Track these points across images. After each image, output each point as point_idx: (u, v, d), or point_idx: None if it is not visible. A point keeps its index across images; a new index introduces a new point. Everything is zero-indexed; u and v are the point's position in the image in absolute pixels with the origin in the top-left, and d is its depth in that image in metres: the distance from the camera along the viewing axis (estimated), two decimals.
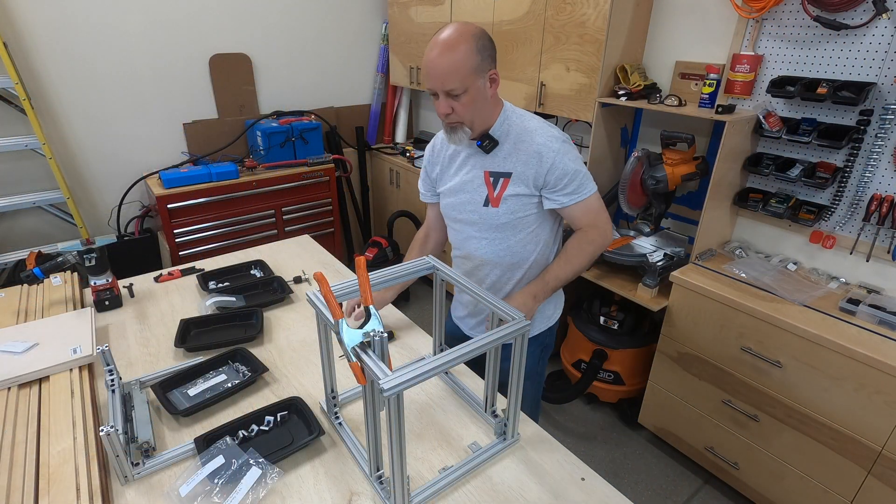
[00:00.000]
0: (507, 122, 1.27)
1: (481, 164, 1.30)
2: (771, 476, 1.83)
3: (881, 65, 1.68)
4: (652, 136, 2.42)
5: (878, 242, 1.79)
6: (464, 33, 1.14)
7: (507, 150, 1.27)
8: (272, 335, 1.48)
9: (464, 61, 1.13)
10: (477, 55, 1.15)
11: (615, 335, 2.30)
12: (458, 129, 1.23)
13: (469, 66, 1.14)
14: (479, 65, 1.16)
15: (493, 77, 1.21)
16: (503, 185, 1.27)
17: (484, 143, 1.26)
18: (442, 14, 2.95)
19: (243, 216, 2.95)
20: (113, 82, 2.76)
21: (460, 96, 1.17)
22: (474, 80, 1.16)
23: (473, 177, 1.32)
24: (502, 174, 1.27)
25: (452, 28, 1.16)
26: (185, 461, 1.04)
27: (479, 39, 1.16)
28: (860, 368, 1.52)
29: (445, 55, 1.14)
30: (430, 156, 1.45)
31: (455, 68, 1.14)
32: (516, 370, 1.02)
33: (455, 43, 1.13)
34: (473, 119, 1.22)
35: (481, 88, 1.19)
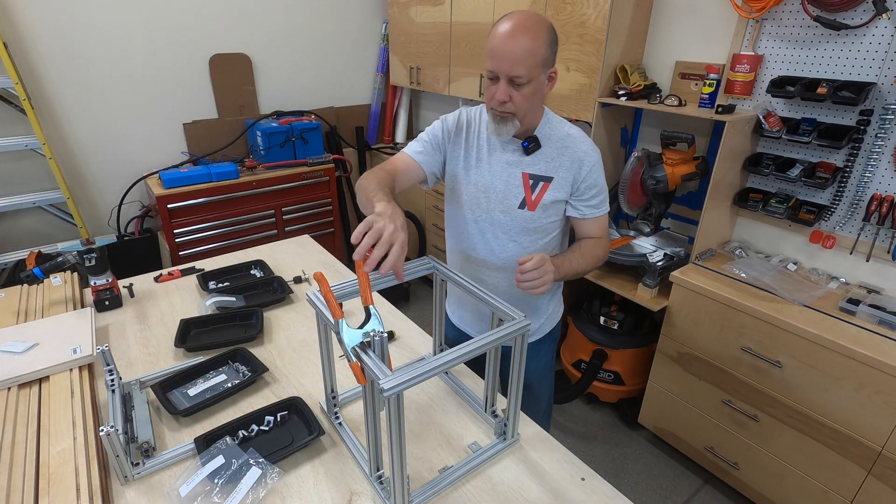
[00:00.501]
0: (549, 126, 1.25)
1: (518, 165, 1.25)
2: (771, 476, 1.83)
3: (881, 65, 1.68)
4: (652, 136, 2.42)
5: (878, 242, 1.79)
6: (540, 22, 1.09)
7: (549, 155, 1.23)
8: (272, 335, 1.48)
9: (537, 49, 1.08)
10: (548, 48, 1.10)
11: (615, 335, 2.30)
12: (509, 120, 1.16)
13: (540, 56, 1.09)
14: (547, 59, 1.11)
15: (552, 75, 1.16)
16: (542, 188, 1.23)
17: (530, 145, 1.22)
18: (442, 14, 2.95)
19: (243, 216, 2.95)
20: (113, 82, 2.76)
21: (523, 86, 1.11)
22: (539, 73, 1.11)
23: (509, 176, 1.25)
24: (543, 178, 1.23)
25: (527, 14, 1.10)
26: (185, 461, 1.04)
27: (551, 32, 1.11)
28: (860, 368, 1.52)
29: (520, 38, 1.07)
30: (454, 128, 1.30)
31: (527, 54, 1.07)
32: (516, 370, 1.02)
33: (532, 28, 1.07)
34: (526, 114, 1.17)
35: (542, 84, 1.14)
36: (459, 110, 1.34)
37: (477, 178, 1.28)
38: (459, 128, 1.31)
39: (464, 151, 1.30)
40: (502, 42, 1.08)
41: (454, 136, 1.31)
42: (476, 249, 1.34)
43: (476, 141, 1.29)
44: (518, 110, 1.14)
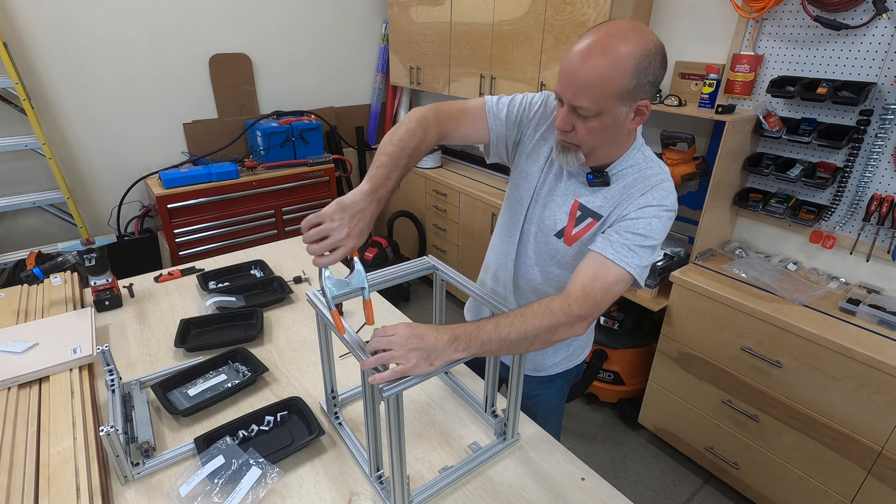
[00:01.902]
0: (631, 163, 1.02)
1: (576, 190, 1.06)
2: (771, 476, 1.83)
3: (881, 65, 1.68)
4: (652, 136, 2.42)
5: (878, 242, 1.79)
6: (630, 42, 0.85)
7: (611, 192, 1.02)
8: (272, 335, 1.48)
9: (613, 78, 0.86)
10: (633, 77, 0.86)
11: (615, 335, 2.30)
12: (571, 151, 0.98)
13: (616, 87, 0.87)
14: (631, 90, 0.88)
15: (641, 109, 0.92)
16: (587, 226, 1.04)
17: (595, 179, 1.02)
18: (442, 14, 2.95)
19: (243, 216, 2.95)
20: (113, 82, 2.76)
21: (590, 118, 0.91)
22: (615, 107, 0.89)
23: (561, 197, 1.07)
24: (593, 214, 1.03)
25: (616, 29, 0.86)
26: (185, 461, 1.04)
27: (646, 57, 0.86)
28: (860, 368, 1.52)
29: (593, 61, 0.86)
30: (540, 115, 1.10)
31: (593, 83, 0.87)
32: (516, 370, 1.02)
33: (613, 50, 0.85)
34: (594, 149, 0.97)
35: (619, 118, 0.91)
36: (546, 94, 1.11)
37: (538, 187, 1.11)
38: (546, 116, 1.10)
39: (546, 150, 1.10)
40: (571, 62, 0.88)
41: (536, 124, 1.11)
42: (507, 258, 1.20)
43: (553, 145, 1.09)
44: (582, 143, 0.96)
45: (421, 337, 0.83)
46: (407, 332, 0.83)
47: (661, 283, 2.09)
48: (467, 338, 0.85)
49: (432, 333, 0.84)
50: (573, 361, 1.32)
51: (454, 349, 0.84)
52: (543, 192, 1.10)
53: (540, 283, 1.16)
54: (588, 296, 0.91)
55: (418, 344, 0.82)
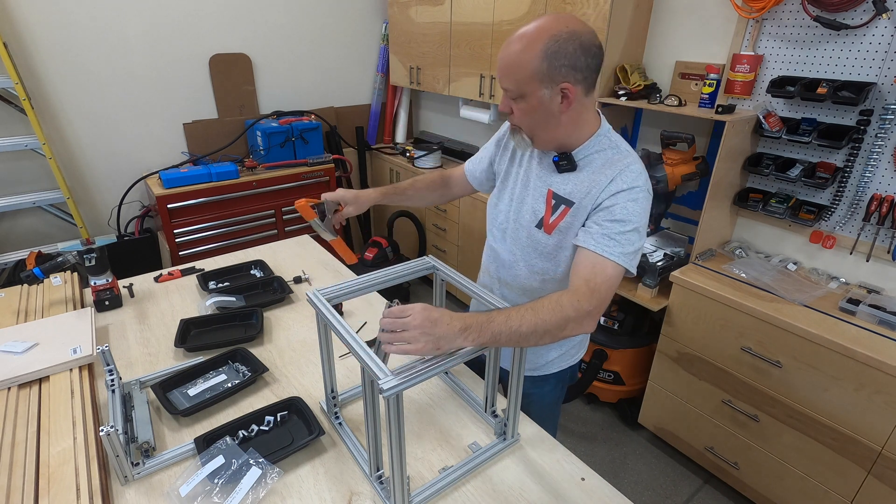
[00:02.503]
0: (595, 148, 1.07)
1: (548, 180, 1.11)
2: (771, 476, 1.83)
3: (881, 65, 1.68)
4: (652, 136, 2.42)
5: (878, 242, 1.79)
6: (539, 30, 0.95)
7: (580, 178, 1.06)
8: (272, 335, 1.48)
9: (520, 62, 0.95)
10: (543, 60, 0.94)
11: (615, 335, 2.30)
12: (517, 133, 1.07)
13: (527, 71, 0.95)
14: (545, 72, 0.95)
15: (565, 92, 0.97)
16: (562, 213, 1.08)
17: (560, 162, 1.07)
18: (442, 14, 2.95)
19: (243, 216, 2.95)
20: (113, 82, 2.76)
21: (517, 100, 1.01)
22: (535, 88, 0.97)
23: (535, 190, 1.13)
24: (566, 201, 1.08)
25: (539, 20, 0.97)
26: (185, 461, 1.04)
27: (555, 41, 0.93)
28: (860, 368, 1.52)
29: (506, 49, 0.98)
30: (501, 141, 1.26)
31: (509, 65, 0.97)
32: (516, 370, 1.02)
33: (527, 36, 0.95)
34: (534, 131, 1.05)
35: (545, 101, 0.99)
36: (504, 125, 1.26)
37: (511, 188, 1.20)
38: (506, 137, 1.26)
39: (511, 153, 1.22)
40: (501, 52, 1.00)
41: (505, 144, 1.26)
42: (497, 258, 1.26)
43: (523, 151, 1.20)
44: (521, 125, 1.05)
45: (435, 323, 0.84)
46: (422, 316, 0.85)
47: (661, 283, 2.09)
48: (478, 328, 0.87)
49: (446, 320, 0.85)
50: (567, 362, 1.32)
51: (464, 338, 0.86)
52: (518, 189, 1.18)
53: (525, 278, 1.20)
54: (594, 291, 0.95)
55: (431, 329, 0.84)
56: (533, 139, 1.07)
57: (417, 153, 3.35)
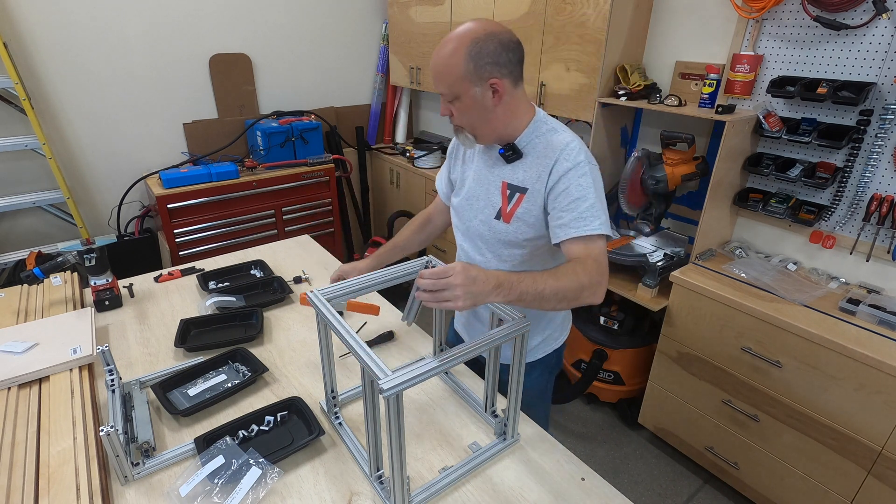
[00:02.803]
0: (535, 134, 1.15)
1: (500, 173, 1.19)
2: (771, 476, 1.84)
3: (881, 65, 1.68)
4: (652, 136, 2.42)
5: (878, 242, 1.79)
6: (460, 36, 1.04)
7: (528, 164, 1.14)
8: (272, 335, 1.48)
9: (450, 67, 1.05)
10: (468, 62, 1.03)
11: (615, 335, 2.30)
12: (461, 132, 1.16)
13: (457, 73, 1.04)
14: (472, 72, 1.04)
15: (494, 86, 1.06)
16: (518, 200, 1.15)
17: (506, 153, 1.15)
18: (442, 14, 2.95)
19: (243, 216, 2.95)
20: (113, 82, 2.76)
21: (454, 102, 1.09)
22: (467, 88, 1.06)
23: (489, 184, 1.21)
24: (519, 188, 1.15)
25: (459, 28, 1.06)
26: (185, 461, 1.04)
27: (475, 43, 1.03)
28: (860, 368, 1.52)
29: (436, 57, 1.07)
30: (453, 152, 1.36)
31: (440, 72, 1.07)
32: (516, 370, 1.02)
33: (445, 46, 1.05)
34: (475, 127, 1.13)
35: (478, 97, 1.07)
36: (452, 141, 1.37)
37: (467, 188, 1.27)
38: (455, 148, 1.36)
39: (462, 163, 1.32)
40: (432, 60, 1.09)
41: (456, 153, 1.35)
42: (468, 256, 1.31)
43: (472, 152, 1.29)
44: (461, 123, 1.13)
45: (474, 281, 0.89)
46: (464, 275, 0.88)
47: (661, 283, 2.09)
48: (509, 286, 0.93)
49: (482, 278, 0.90)
50: (551, 346, 1.36)
51: (496, 294, 0.92)
52: (474, 187, 1.25)
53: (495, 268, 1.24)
54: (598, 264, 1.04)
55: (471, 287, 0.88)
56: (476, 135, 1.15)
57: (417, 153, 3.35)
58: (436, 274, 0.89)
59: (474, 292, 0.88)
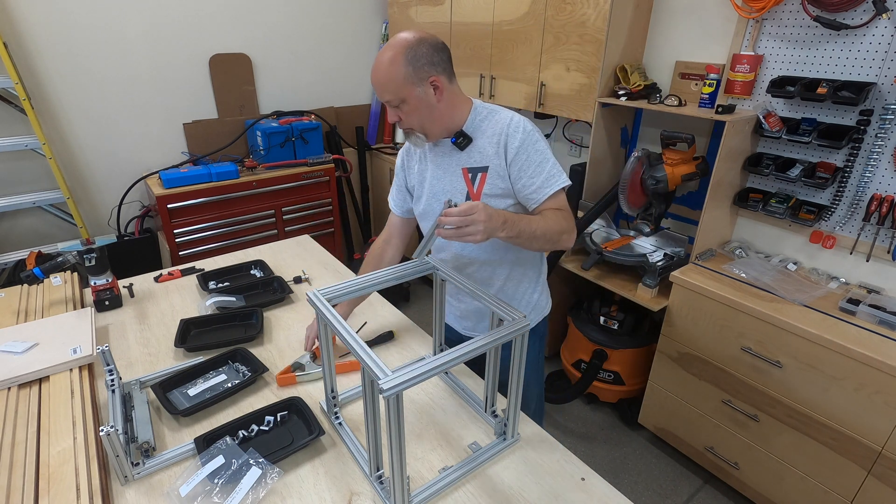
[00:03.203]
0: (478, 118, 1.26)
1: (457, 162, 1.28)
2: (771, 476, 1.83)
3: (881, 65, 1.68)
4: (652, 136, 2.42)
5: (878, 242, 1.79)
6: (395, 45, 1.14)
7: (481, 145, 1.25)
8: (272, 335, 1.48)
9: (392, 74, 1.13)
10: (408, 66, 1.13)
11: (615, 335, 2.30)
12: (411, 134, 1.24)
13: (399, 79, 1.13)
14: (412, 74, 1.14)
15: (434, 84, 1.17)
16: (482, 179, 1.25)
17: (458, 141, 1.25)
18: (442, 14, 2.95)
19: (243, 216, 2.95)
20: (113, 82, 2.76)
21: (400, 106, 1.18)
22: (411, 90, 1.15)
23: (451, 175, 1.30)
24: (479, 169, 1.26)
25: (390, 42, 1.16)
26: (185, 461, 1.04)
27: (410, 49, 1.13)
28: (860, 368, 1.52)
29: (376, 69, 1.15)
30: (404, 163, 1.42)
31: (383, 81, 1.15)
32: (516, 370, 1.02)
33: (383, 56, 1.14)
34: (424, 125, 1.21)
35: (422, 97, 1.17)
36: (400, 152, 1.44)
37: (429, 188, 1.34)
38: (409, 152, 1.41)
39: (417, 167, 1.38)
40: (372, 74, 1.17)
41: (408, 161, 1.41)
42: (445, 251, 1.39)
43: (423, 153, 1.36)
44: (412, 125, 1.21)
45: (490, 218, 1.03)
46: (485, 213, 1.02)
47: (661, 283, 2.09)
48: (512, 223, 1.09)
49: (496, 216, 1.05)
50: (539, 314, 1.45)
51: (502, 229, 1.07)
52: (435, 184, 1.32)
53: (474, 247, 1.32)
54: (568, 213, 1.22)
55: (489, 224, 1.02)
56: (426, 133, 1.23)
57: None
58: (462, 212, 1.00)
59: (490, 227, 1.02)
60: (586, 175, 2.37)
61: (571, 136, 2.80)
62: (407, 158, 1.42)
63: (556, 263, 2.36)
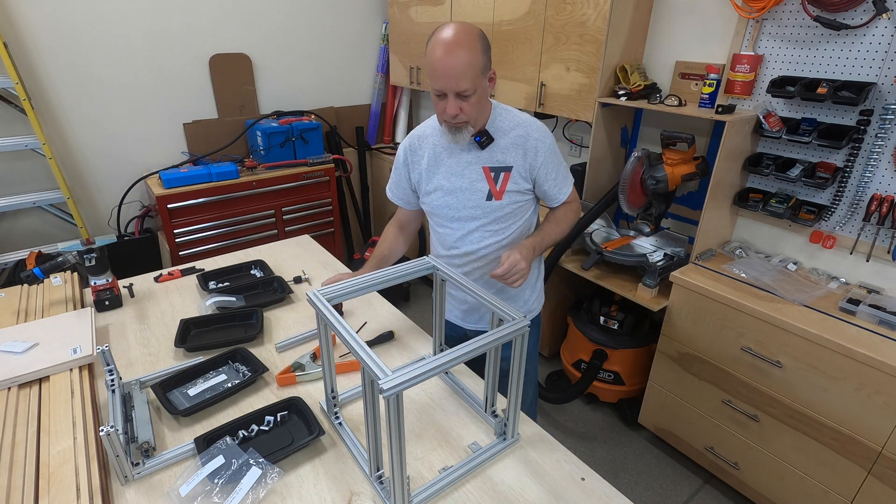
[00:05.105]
0: (500, 118, 1.31)
1: (477, 161, 1.31)
2: (771, 476, 1.83)
3: (881, 65, 1.68)
4: (652, 136, 2.42)
5: (878, 242, 1.79)
6: (471, 32, 1.15)
7: (504, 145, 1.29)
8: (272, 335, 1.48)
9: (472, 61, 1.14)
10: (483, 55, 1.16)
11: (615, 335, 2.30)
12: (463, 129, 1.24)
13: (479, 66, 1.15)
14: (485, 65, 1.18)
15: (492, 77, 1.23)
16: (505, 178, 1.30)
17: (482, 140, 1.28)
18: (442, 14, 2.95)
19: (243, 216, 2.95)
20: (113, 82, 2.76)
21: (470, 97, 1.17)
22: (481, 80, 1.18)
23: (471, 173, 1.32)
24: (503, 168, 1.30)
25: (458, 27, 1.15)
26: (185, 461, 1.04)
27: (483, 39, 1.17)
28: (860, 368, 1.52)
29: (457, 55, 1.13)
30: (407, 159, 1.42)
31: (462, 69, 1.13)
32: (516, 370, 1.02)
33: (466, 42, 1.13)
34: (477, 119, 1.24)
35: (484, 88, 1.21)
36: (408, 136, 1.46)
37: (442, 182, 1.35)
38: (413, 148, 1.41)
39: (425, 163, 1.38)
40: (440, 61, 1.13)
41: (412, 157, 1.41)
42: (458, 246, 1.40)
43: (433, 150, 1.36)
44: (469, 118, 1.22)
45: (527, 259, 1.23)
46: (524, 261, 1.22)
47: (661, 283, 2.09)
48: (538, 246, 1.32)
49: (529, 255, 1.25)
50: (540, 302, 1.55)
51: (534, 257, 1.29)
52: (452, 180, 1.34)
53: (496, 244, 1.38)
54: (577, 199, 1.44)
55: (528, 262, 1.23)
56: (474, 127, 1.26)
57: None
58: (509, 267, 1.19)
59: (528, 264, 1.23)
60: (586, 175, 2.37)
61: (571, 136, 2.80)
62: (411, 155, 1.42)
63: (556, 264, 2.36)
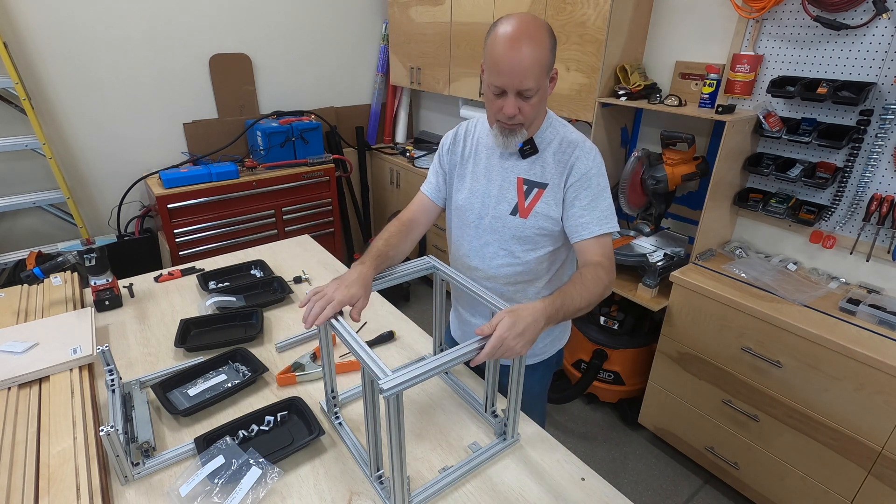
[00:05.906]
0: (551, 130, 1.16)
1: (514, 169, 1.17)
2: (771, 476, 1.83)
3: (881, 65, 1.68)
4: (652, 136, 2.42)
5: (878, 242, 1.79)
6: (540, 26, 1.01)
7: (546, 160, 1.15)
8: (272, 335, 1.48)
9: (540, 58, 1.00)
10: (551, 52, 1.03)
11: (615, 335, 2.30)
12: (518, 132, 1.10)
13: (546, 63, 1.02)
14: (551, 63, 1.04)
15: (553, 76, 1.09)
16: (536, 195, 1.15)
17: (525, 148, 1.14)
18: (442, 14, 2.95)
19: (243, 216, 2.95)
20: (113, 82, 2.76)
21: (532, 97, 1.04)
22: (545, 80, 1.05)
23: (504, 180, 1.19)
24: (538, 184, 1.15)
25: (525, 19, 1.01)
26: (185, 461, 1.04)
27: (551, 34, 1.03)
28: (860, 368, 1.52)
29: (526, 49, 0.98)
30: (450, 146, 1.29)
31: (529, 66, 1.00)
32: (516, 370, 1.02)
33: (535, 36, 0.99)
34: (533, 121, 1.11)
35: (546, 88, 1.08)
36: (458, 125, 1.32)
37: (473, 184, 1.24)
38: (457, 141, 1.29)
39: (460, 159, 1.27)
40: (508, 55, 0.99)
41: (452, 149, 1.29)
42: (470, 256, 1.27)
43: (474, 148, 1.25)
44: (527, 120, 1.09)
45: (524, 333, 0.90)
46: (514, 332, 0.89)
47: (661, 283, 2.09)
48: (555, 316, 0.97)
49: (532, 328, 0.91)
50: (556, 346, 1.38)
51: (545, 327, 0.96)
52: (481, 184, 1.22)
53: (509, 266, 1.23)
54: (611, 261, 1.11)
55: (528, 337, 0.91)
56: (528, 130, 1.13)
57: (417, 153, 3.35)
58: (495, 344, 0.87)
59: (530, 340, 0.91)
60: None
61: None
62: (453, 144, 1.29)
63: None
